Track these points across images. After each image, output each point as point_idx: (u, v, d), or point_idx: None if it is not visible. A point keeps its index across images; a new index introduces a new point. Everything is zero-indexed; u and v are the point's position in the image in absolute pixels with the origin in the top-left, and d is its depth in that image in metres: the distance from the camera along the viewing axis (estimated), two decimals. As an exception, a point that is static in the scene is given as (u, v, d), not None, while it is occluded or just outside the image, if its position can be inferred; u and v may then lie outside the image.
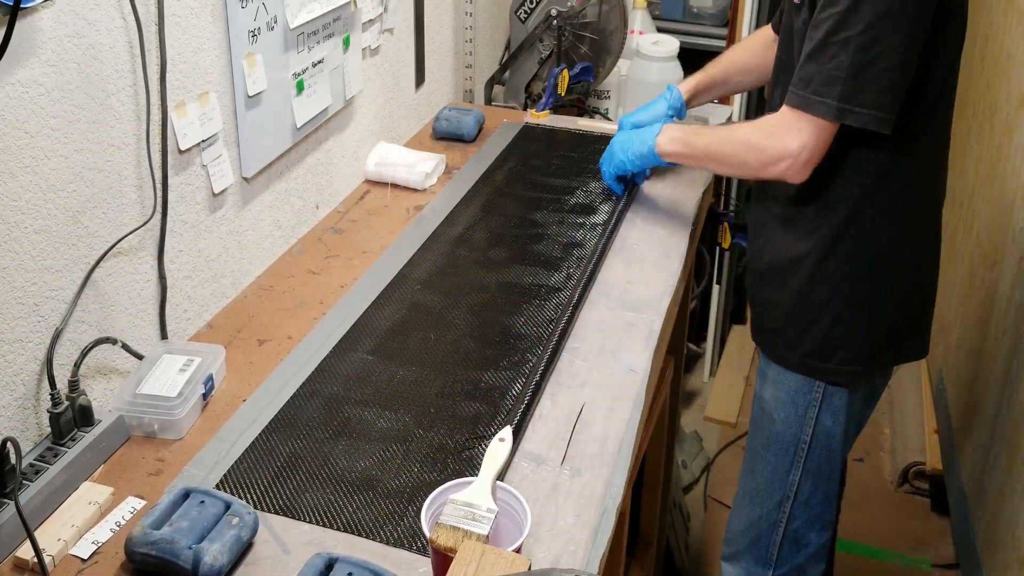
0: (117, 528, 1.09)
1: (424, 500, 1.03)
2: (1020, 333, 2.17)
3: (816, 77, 1.33)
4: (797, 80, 1.37)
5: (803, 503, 1.66)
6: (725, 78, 1.85)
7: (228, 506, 1.06)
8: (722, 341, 3.24)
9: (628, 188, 1.81)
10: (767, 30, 1.80)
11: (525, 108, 2.39)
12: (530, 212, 1.77)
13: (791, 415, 1.61)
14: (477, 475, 1.03)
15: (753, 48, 1.82)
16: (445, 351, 1.39)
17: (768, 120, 1.44)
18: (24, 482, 1.08)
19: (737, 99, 2.81)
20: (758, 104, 2.87)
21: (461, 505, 0.98)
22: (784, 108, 1.39)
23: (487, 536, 0.94)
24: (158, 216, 1.32)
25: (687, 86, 1.83)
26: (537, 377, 1.31)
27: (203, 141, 1.39)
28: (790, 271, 1.54)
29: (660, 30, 2.77)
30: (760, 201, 1.62)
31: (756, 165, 1.44)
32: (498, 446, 1.06)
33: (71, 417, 1.16)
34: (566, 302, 1.49)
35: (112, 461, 1.19)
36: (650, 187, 1.88)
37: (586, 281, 1.55)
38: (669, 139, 1.62)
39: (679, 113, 1.80)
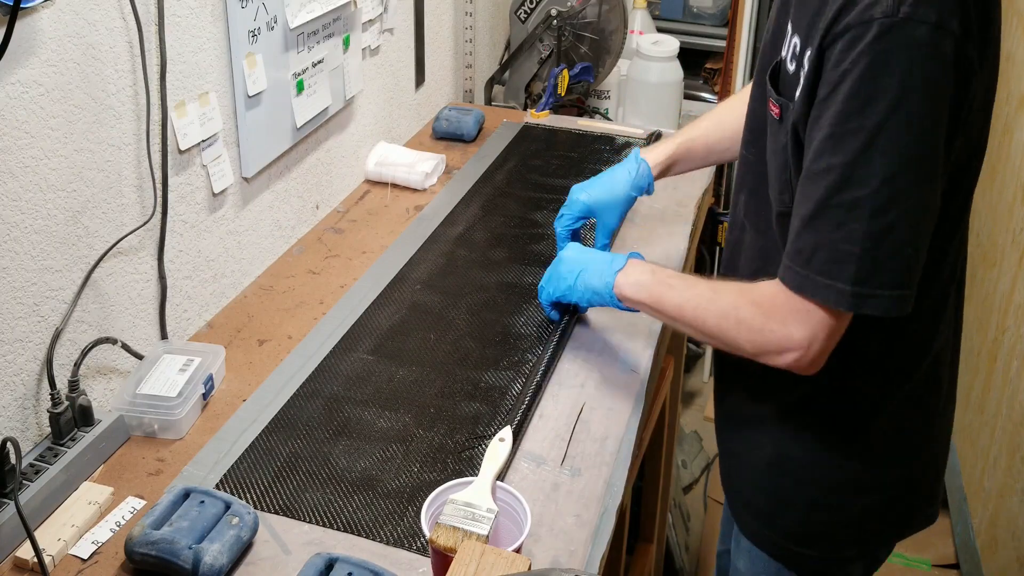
0: (117, 528, 1.09)
1: (424, 500, 1.03)
2: (1020, 333, 2.17)
3: (820, 252, 0.99)
4: (794, 252, 1.02)
5: None
6: (707, 148, 1.48)
7: (228, 506, 1.06)
8: (722, 341, 3.23)
9: (569, 316, 1.43)
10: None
11: (525, 108, 2.39)
12: (530, 212, 1.77)
13: None
14: (477, 475, 1.03)
15: (743, 108, 1.40)
16: (445, 351, 1.39)
17: (763, 293, 1.07)
18: (24, 482, 1.08)
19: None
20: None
21: (461, 505, 0.98)
22: (781, 287, 1.04)
23: (487, 536, 0.94)
24: (158, 216, 1.32)
25: (659, 156, 1.47)
26: (537, 377, 1.31)
27: (203, 141, 1.39)
28: (765, 424, 1.23)
29: (660, 30, 2.77)
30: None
31: (751, 350, 1.09)
32: (498, 446, 1.06)
33: (71, 417, 1.16)
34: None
35: (112, 461, 1.19)
36: (650, 187, 1.88)
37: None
38: (634, 283, 1.23)
39: (645, 190, 1.46)
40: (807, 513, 1.22)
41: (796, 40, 1.04)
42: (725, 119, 1.46)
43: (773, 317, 1.05)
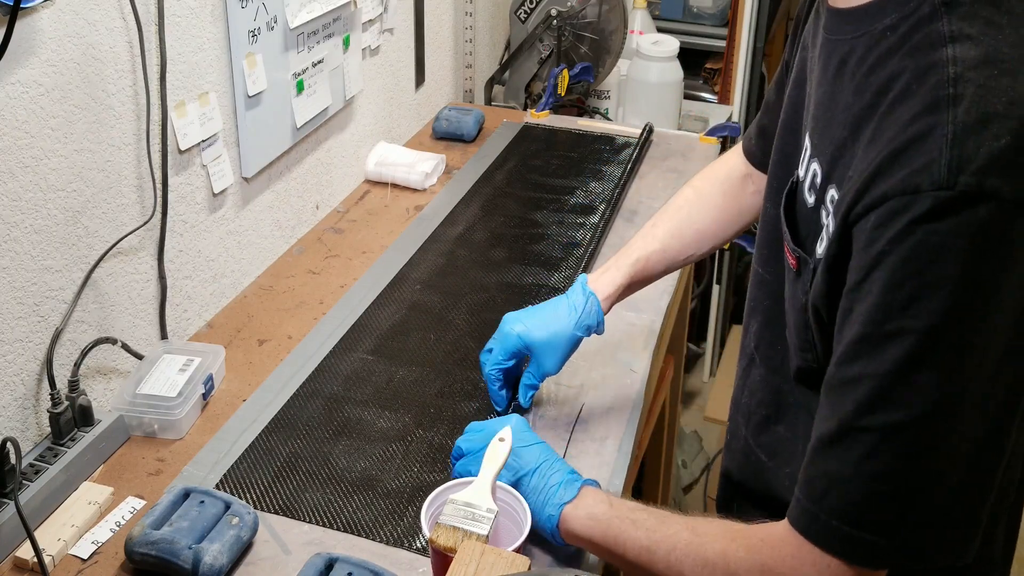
0: (117, 528, 1.09)
1: (424, 500, 1.03)
2: (1020, 333, 2.16)
3: (841, 488, 0.76)
4: (806, 483, 0.79)
5: None
6: (665, 263, 1.22)
7: (228, 506, 1.06)
8: (722, 341, 3.24)
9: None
10: (728, 165, 1.21)
11: (525, 108, 2.39)
12: (530, 212, 1.77)
13: None
14: (476, 475, 1.03)
15: (710, 201, 1.21)
16: (445, 351, 1.39)
17: (763, 538, 0.83)
18: (24, 482, 1.08)
19: (736, 98, 2.81)
20: (758, 102, 2.86)
21: (461, 505, 0.97)
22: (790, 531, 0.80)
23: (487, 536, 0.94)
24: (158, 216, 1.32)
25: (609, 287, 1.20)
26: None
27: (203, 141, 1.39)
28: None
29: (660, 30, 2.77)
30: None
31: None
32: (498, 446, 1.05)
33: (71, 417, 1.16)
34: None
35: (112, 461, 1.19)
36: (649, 187, 1.88)
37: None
38: (585, 518, 0.96)
39: (594, 330, 1.20)
40: None
41: (816, 168, 0.83)
42: (684, 228, 1.21)
43: (776, 570, 0.80)
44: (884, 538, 0.74)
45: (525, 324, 1.19)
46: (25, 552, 1.04)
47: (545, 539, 1.02)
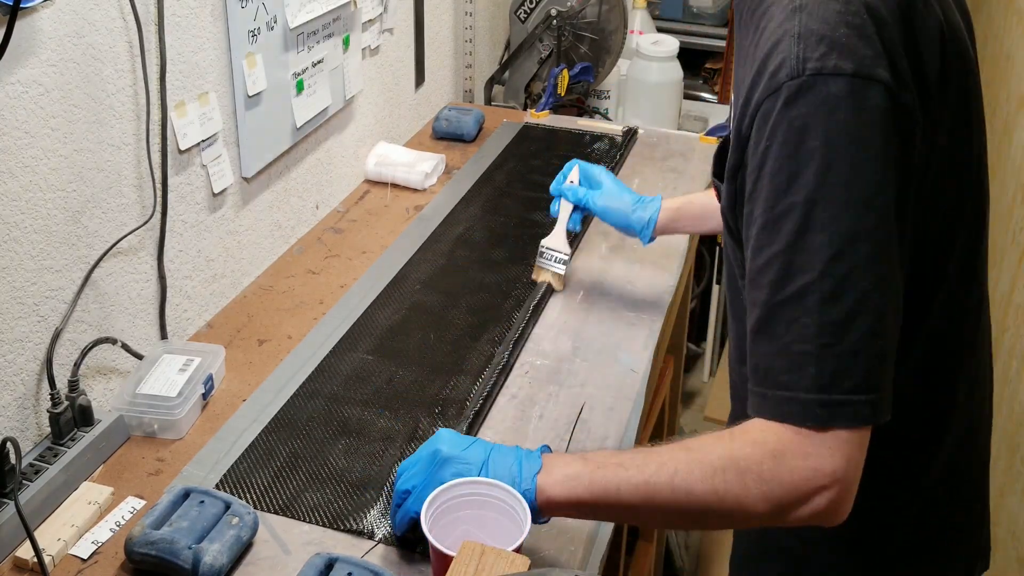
0: (117, 528, 1.09)
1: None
2: (1020, 333, 2.16)
3: (776, 361, 0.83)
4: (751, 371, 0.86)
5: None
6: (703, 212, 1.38)
7: (228, 506, 1.06)
8: (722, 341, 3.23)
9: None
10: None
11: (525, 108, 2.39)
12: (530, 212, 1.77)
13: None
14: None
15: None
16: (445, 351, 1.39)
17: (754, 442, 0.84)
18: (24, 482, 1.08)
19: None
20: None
21: (549, 250, 1.46)
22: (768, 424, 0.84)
23: (564, 275, 1.43)
24: (158, 216, 1.32)
25: (672, 204, 1.39)
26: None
27: (203, 141, 1.39)
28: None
29: (660, 30, 2.77)
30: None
31: (766, 508, 0.83)
32: (566, 193, 1.45)
33: (71, 417, 1.16)
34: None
35: (112, 461, 1.19)
36: (650, 187, 1.88)
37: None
38: (564, 480, 0.93)
39: (641, 228, 1.39)
40: (798, 564, 1.05)
41: (730, 110, 0.93)
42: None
43: (788, 451, 0.82)
44: (815, 393, 0.80)
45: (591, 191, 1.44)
46: (25, 552, 1.04)
47: (548, 525, 1.00)
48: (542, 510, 0.95)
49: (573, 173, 1.47)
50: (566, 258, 1.46)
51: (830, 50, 0.79)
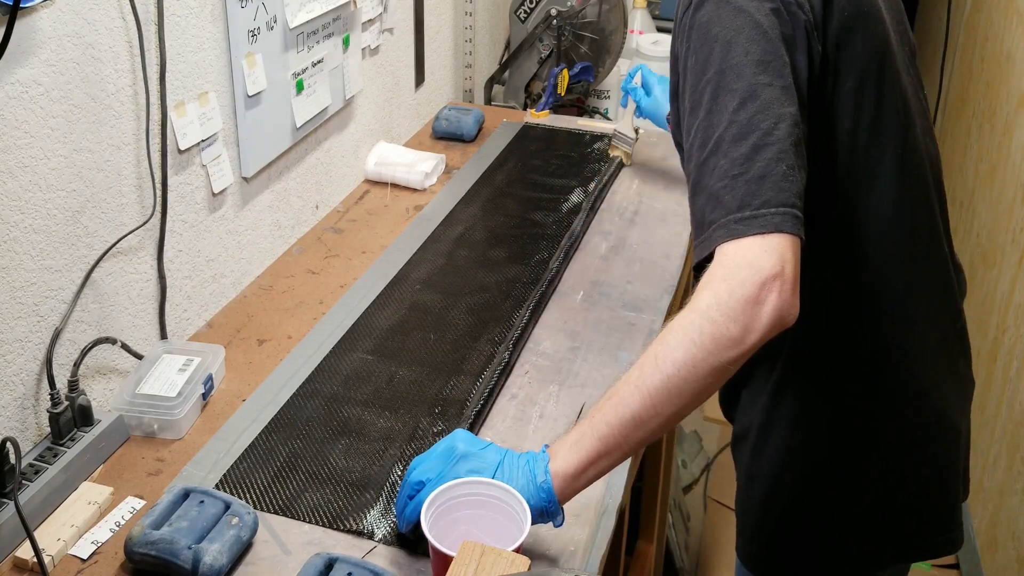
0: (117, 528, 1.09)
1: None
2: (1020, 333, 2.16)
3: (708, 204, 0.94)
4: (695, 226, 0.98)
5: None
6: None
7: (228, 506, 1.06)
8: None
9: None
10: None
11: (525, 108, 2.39)
12: (530, 212, 1.77)
13: None
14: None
15: None
16: (445, 351, 1.38)
17: (702, 285, 0.93)
18: (24, 482, 1.08)
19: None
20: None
21: (621, 133, 1.86)
22: (714, 258, 0.93)
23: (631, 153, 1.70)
24: (158, 216, 1.32)
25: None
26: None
27: (203, 141, 1.39)
28: (741, 441, 1.20)
29: (660, 30, 2.77)
30: None
31: (738, 329, 0.90)
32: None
33: (71, 417, 1.16)
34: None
35: (112, 461, 1.19)
36: (650, 186, 1.88)
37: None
38: (568, 450, 0.98)
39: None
40: (778, 525, 1.17)
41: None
42: None
43: (731, 274, 0.91)
44: (736, 212, 0.91)
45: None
46: (25, 552, 1.04)
47: (548, 525, 1.00)
48: (563, 494, 0.98)
49: (637, 77, 1.90)
50: (632, 140, 1.94)
51: None
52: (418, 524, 0.99)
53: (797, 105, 0.95)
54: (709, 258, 0.94)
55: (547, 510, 0.98)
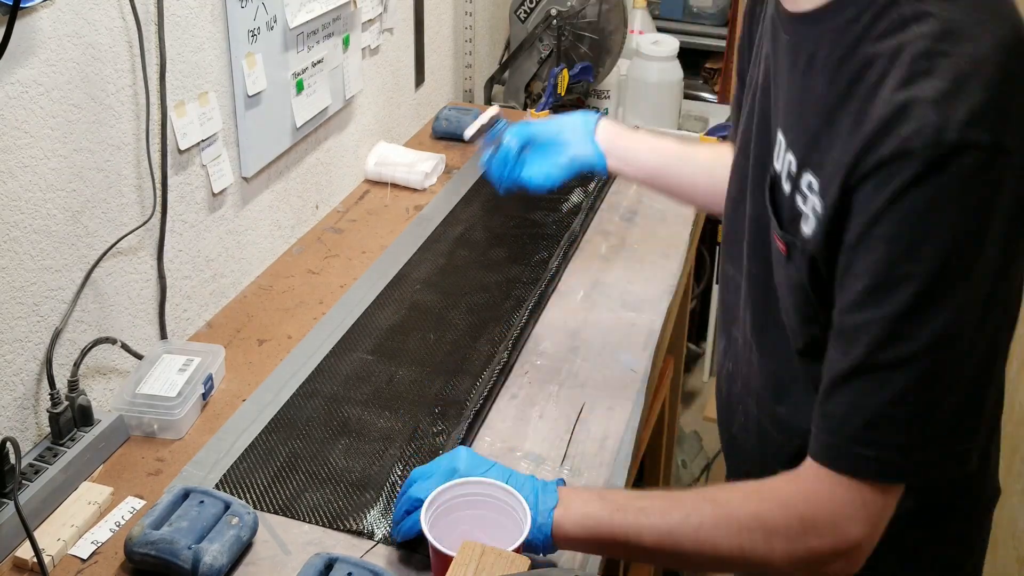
0: (117, 528, 1.09)
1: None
2: (1020, 333, 2.16)
3: (860, 416, 0.82)
4: (825, 418, 0.85)
5: None
6: (664, 162, 1.29)
7: (228, 506, 1.06)
8: (722, 341, 3.23)
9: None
10: (727, 148, 1.22)
11: (525, 108, 2.39)
12: (530, 212, 1.77)
13: None
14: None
15: (708, 159, 1.27)
16: (445, 351, 1.38)
17: (794, 488, 0.87)
18: (24, 482, 1.08)
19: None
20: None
21: None
22: (819, 472, 0.85)
23: None
24: (157, 216, 1.32)
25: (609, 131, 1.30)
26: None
27: (203, 141, 1.39)
28: None
29: (660, 30, 2.77)
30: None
31: (787, 566, 0.87)
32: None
33: (71, 417, 1.16)
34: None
35: (112, 461, 1.19)
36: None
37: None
38: (581, 519, 0.95)
39: (596, 165, 1.29)
40: None
41: (791, 158, 0.89)
42: (687, 151, 1.30)
43: (819, 515, 0.84)
44: (902, 455, 0.81)
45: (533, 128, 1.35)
46: (25, 552, 1.04)
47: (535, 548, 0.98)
48: (556, 544, 0.96)
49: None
50: None
51: (970, 120, 0.74)
52: (414, 537, 1.00)
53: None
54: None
55: (538, 546, 0.96)
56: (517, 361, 1.37)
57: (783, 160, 0.91)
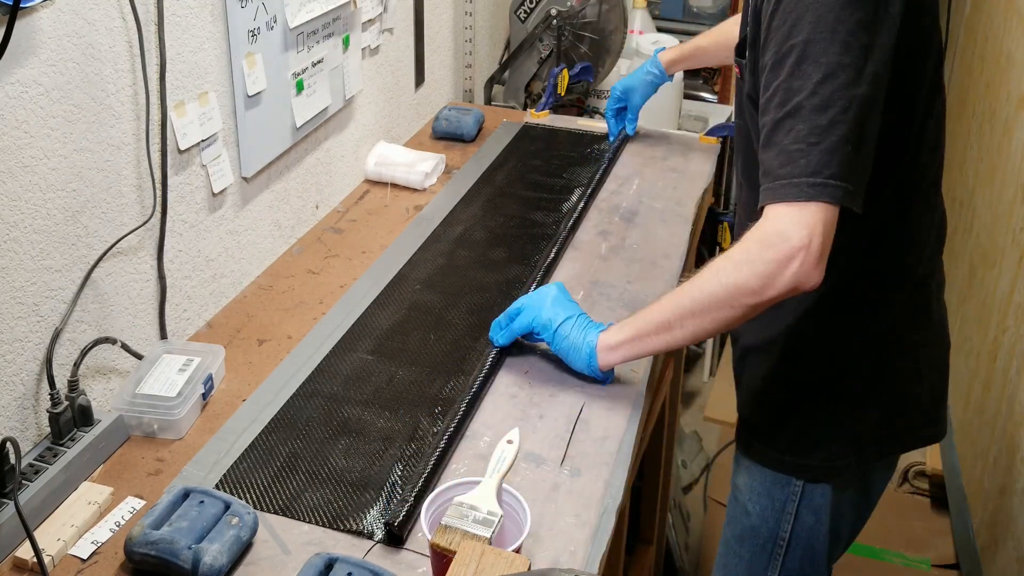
0: (117, 528, 1.09)
1: (424, 500, 1.02)
2: (1020, 333, 2.16)
3: (778, 159, 1.09)
4: (762, 175, 1.12)
5: None
6: (713, 50, 1.84)
7: (228, 506, 1.06)
8: (722, 341, 3.24)
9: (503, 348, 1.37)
10: None
11: (525, 108, 2.39)
12: (530, 212, 1.77)
13: (767, 508, 1.37)
14: (479, 476, 1.03)
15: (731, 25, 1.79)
16: (445, 351, 1.38)
17: (748, 234, 1.13)
18: (24, 482, 1.08)
19: (737, 99, 2.80)
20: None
21: (466, 508, 0.96)
22: (768, 210, 1.11)
23: (490, 539, 0.93)
24: (157, 216, 1.32)
25: (670, 55, 1.91)
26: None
27: (203, 141, 1.39)
28: (763, 353, 1.34)
29: (660, 30, 2.77)
30: None
31: (759, 283, 1.10)
32: (505, 448, 1.03)
33: (71, 417, 1.16)
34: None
35: (112, 461, 1.19)
36: (650, 187, 1.88)
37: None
38: (615, 330, 1.26)
39: (659, 78, 1.92)
40: (804, 428, 1.32)
41: (746, 7, 1.21)
42: (727, 30, 1.79)
43: (767, 237, 1.10)
44: (807, 177, 1.06)
45: (621, 82, 1.98)
46: (25, 552, 1.04)
47: (547, 525, 1.00)
48: (603, 360, 1.27)
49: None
50: (494, 519, 0.97)
51: None
52: (509, 345, 1.35)
53: (870, 86, 1.06)
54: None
55: (590, 367, 1.27)
56: (517, 361, 1.37)
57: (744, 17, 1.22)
